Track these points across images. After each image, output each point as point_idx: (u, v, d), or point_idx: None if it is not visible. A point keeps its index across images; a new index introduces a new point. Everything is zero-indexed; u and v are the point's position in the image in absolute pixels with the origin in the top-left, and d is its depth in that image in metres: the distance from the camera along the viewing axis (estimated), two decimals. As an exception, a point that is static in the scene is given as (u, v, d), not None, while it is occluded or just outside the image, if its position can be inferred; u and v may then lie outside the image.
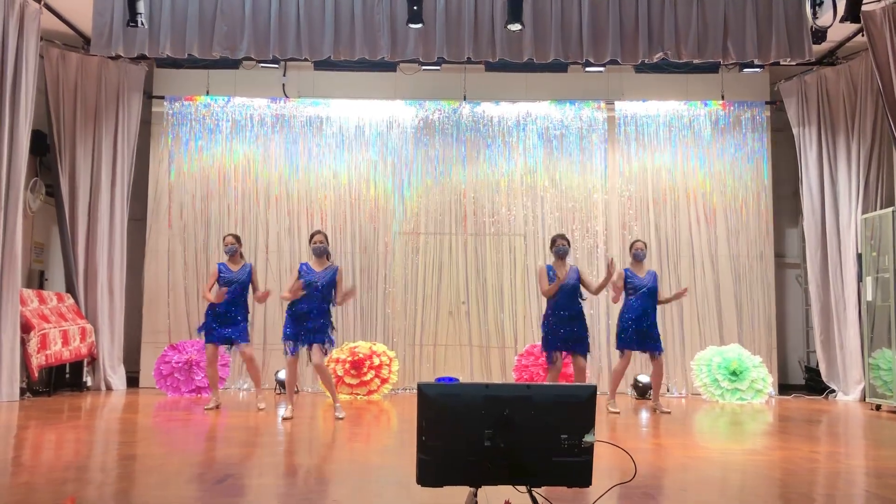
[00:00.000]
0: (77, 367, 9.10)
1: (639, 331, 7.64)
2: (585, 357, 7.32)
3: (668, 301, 8.48)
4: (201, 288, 9.02)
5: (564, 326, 7.21)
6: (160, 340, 9.65)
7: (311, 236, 7.19)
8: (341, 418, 6.85)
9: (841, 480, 4.45)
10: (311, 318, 6.89)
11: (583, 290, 7.37)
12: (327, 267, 7.04)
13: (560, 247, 7.31)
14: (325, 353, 7.06)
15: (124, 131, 9.65)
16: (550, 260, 7.56)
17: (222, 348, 7.87)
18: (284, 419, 6.83)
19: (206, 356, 7.72)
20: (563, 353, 7.30)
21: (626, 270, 7.80)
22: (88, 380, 9.21)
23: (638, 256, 7.79)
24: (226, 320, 7.58)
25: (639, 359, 8.85)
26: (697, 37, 8.35)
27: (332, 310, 7.12)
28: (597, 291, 7.56)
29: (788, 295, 10.60)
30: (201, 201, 10.07)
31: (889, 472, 4.63)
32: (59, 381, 8.89)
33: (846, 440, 6.39)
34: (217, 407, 7.59)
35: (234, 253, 7.77)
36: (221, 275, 7.69)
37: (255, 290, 7.81)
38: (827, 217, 9.49)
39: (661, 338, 7.93)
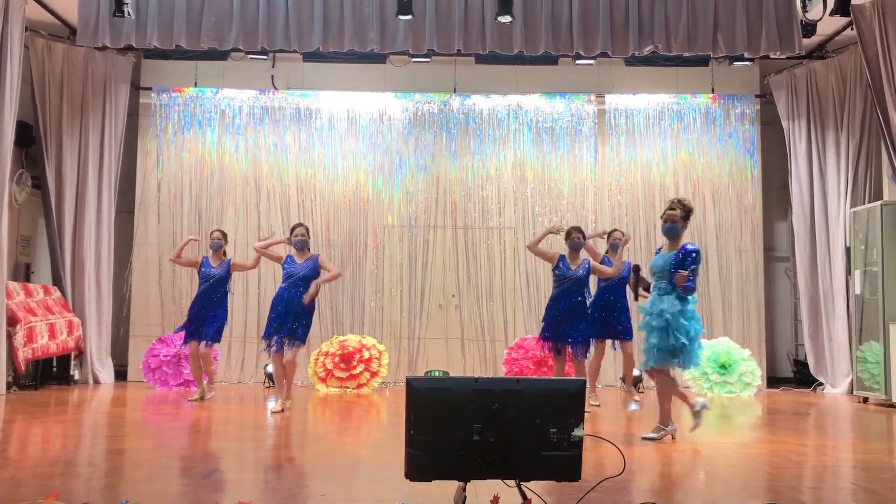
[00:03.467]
0: (64, 360, 9.02)
1: (608, 320, 7.70)
2: (587, 349, 7.14)
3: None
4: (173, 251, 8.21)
5: (565, 319, 6.99)
6: (148, 334, 9.58)
7: (293, 229, 7.18)
8: (278, 412, 6.79)
9: (829, 474, 4.47)
10: (291, 311, 6.87)
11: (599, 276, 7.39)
12: (307, 258, 7.08)
13: (575, 240, 7.16)
14: (296, 350, 7.00)
15: (111, 123, 9.56)
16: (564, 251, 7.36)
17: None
18: (274, 412, 6.81)
19: (189, 352, 7.85)
20: (567, 345, 7.17)
21: (604, 258, 7.79)
22: (76, 373, 9.16)
23: (616, 246, 7.75)
24: (203, 318, 7.62)
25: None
26: (687, 30, 8.34)
27: (314, 303, 7.08)
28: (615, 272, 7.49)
29: (777, 288, 10.62)
30: (189, 194, 10.00)
31: (876, 465, 4.64)
32: (46, 374, 8.81)
33: (834, 433, 6.42)
34: (201, 399, 7.64)
35: (219, 249, 7.81)
36: (202, 268, 7.74)
37: (242, 268, 8.01)
38: (816, 210, 9.51)
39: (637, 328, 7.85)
